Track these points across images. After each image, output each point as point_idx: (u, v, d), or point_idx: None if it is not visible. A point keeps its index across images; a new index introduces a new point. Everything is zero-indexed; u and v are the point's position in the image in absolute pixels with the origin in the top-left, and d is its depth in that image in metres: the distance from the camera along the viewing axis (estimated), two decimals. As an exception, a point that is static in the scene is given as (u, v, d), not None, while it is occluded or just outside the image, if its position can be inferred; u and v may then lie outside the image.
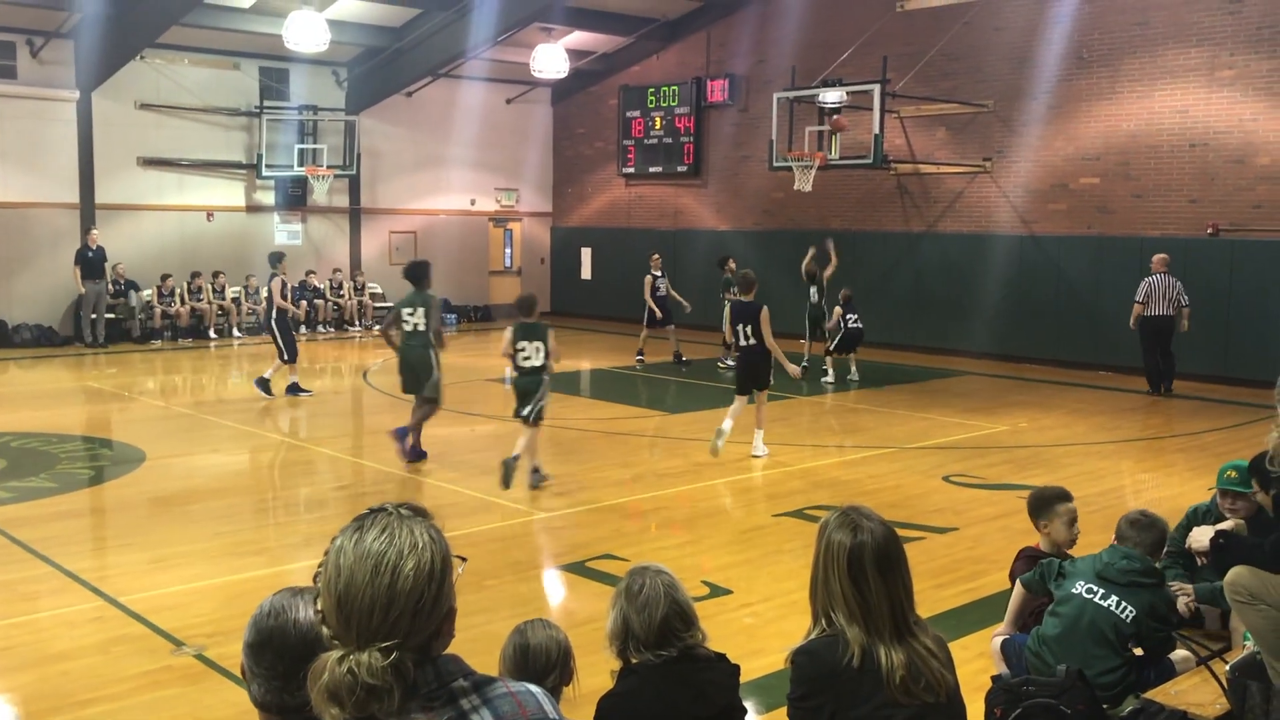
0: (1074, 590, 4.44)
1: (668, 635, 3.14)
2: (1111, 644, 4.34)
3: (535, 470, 9.60)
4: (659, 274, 17.60)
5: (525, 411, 9.46)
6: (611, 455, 11.18)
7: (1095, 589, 4.41)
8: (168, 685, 5.48)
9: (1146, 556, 4.54)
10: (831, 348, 15.67)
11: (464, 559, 1.83)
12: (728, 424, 10.60)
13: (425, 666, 1.74)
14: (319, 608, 1.78)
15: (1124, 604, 4.36)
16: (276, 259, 14.43)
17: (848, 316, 15.62)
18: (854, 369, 15.69)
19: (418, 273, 10.88)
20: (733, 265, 16.51)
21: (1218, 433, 12.45)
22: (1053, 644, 4.40)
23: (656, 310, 17.37)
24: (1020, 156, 17.98)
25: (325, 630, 1.75)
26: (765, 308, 10.69)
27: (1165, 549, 5.38)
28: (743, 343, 10.94)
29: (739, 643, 5.66)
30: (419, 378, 10.68)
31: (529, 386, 9.47)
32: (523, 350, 9.43)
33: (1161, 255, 14.91)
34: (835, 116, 17.10)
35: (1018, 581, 4.91)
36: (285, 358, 14.07)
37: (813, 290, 16.33)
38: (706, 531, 8.42)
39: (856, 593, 2.91)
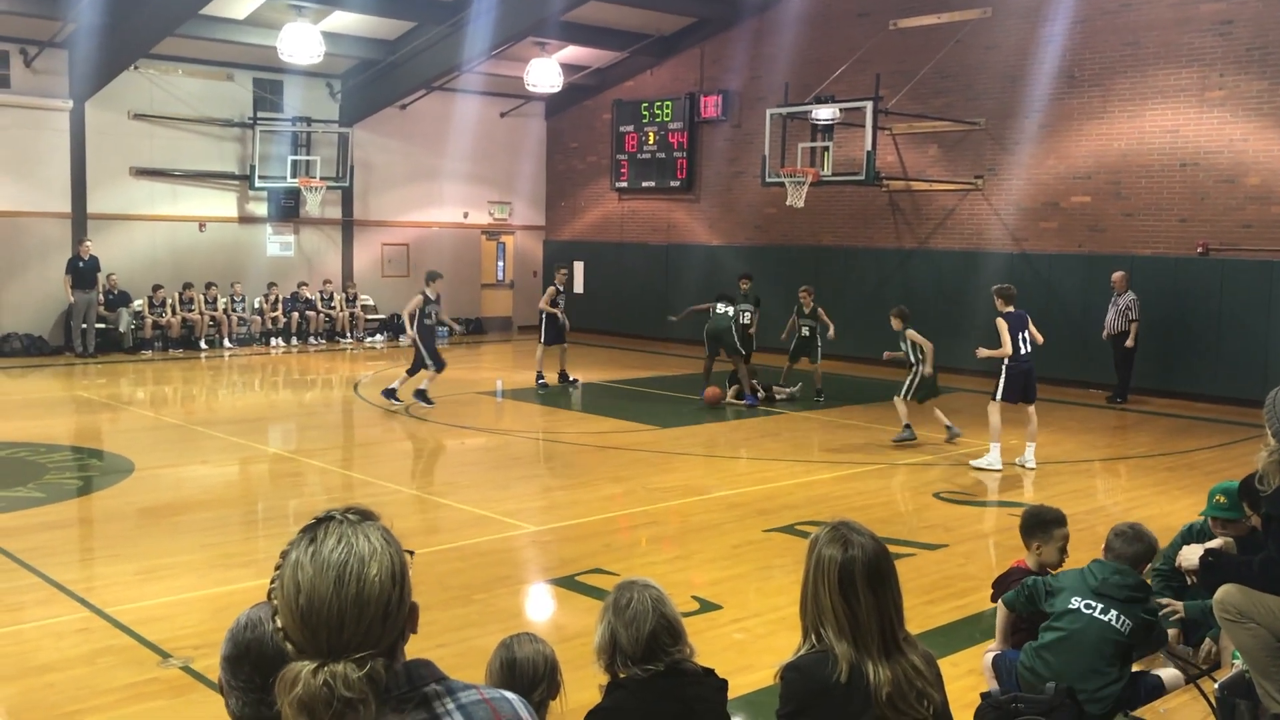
0: (1072, 606, 4.44)
1: (655, 650, 3.13)
2: (1111, 657, 4.37)
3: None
4: (562, 289, 16.98)
5: None
6: (602, 469, 11.16)
7: (1094, 604, 4.41)
8: (154, 697, 5.45)
9: (1134, 570, 4.56)
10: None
11: (412, 552, 1.80)
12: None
13: (395, 668, 1.72)
14: (278, 625, 1.72)
15: (1122, 617, 4.39)
16: (431, 277, 14.75)
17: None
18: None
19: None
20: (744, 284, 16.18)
21: (1207, 451, 12.48)
22: (1052, 657, 4.38)
23: (564, 319, 16.81)
24: (1012, 174, 18.05)
25: (289, 647, 1.70)
26: None
27: (1156, 566, 5.39)
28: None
29: (729, 658, 5.65)
30: None
31: None
32: None
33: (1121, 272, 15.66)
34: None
35: (1000, 601, 4.91)
36: (433, 367, 14.35)
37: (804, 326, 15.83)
38: (697, 546, 8.41)
39: (846, 608, 2.91)
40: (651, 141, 23.32)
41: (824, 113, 17.56)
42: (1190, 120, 16.02)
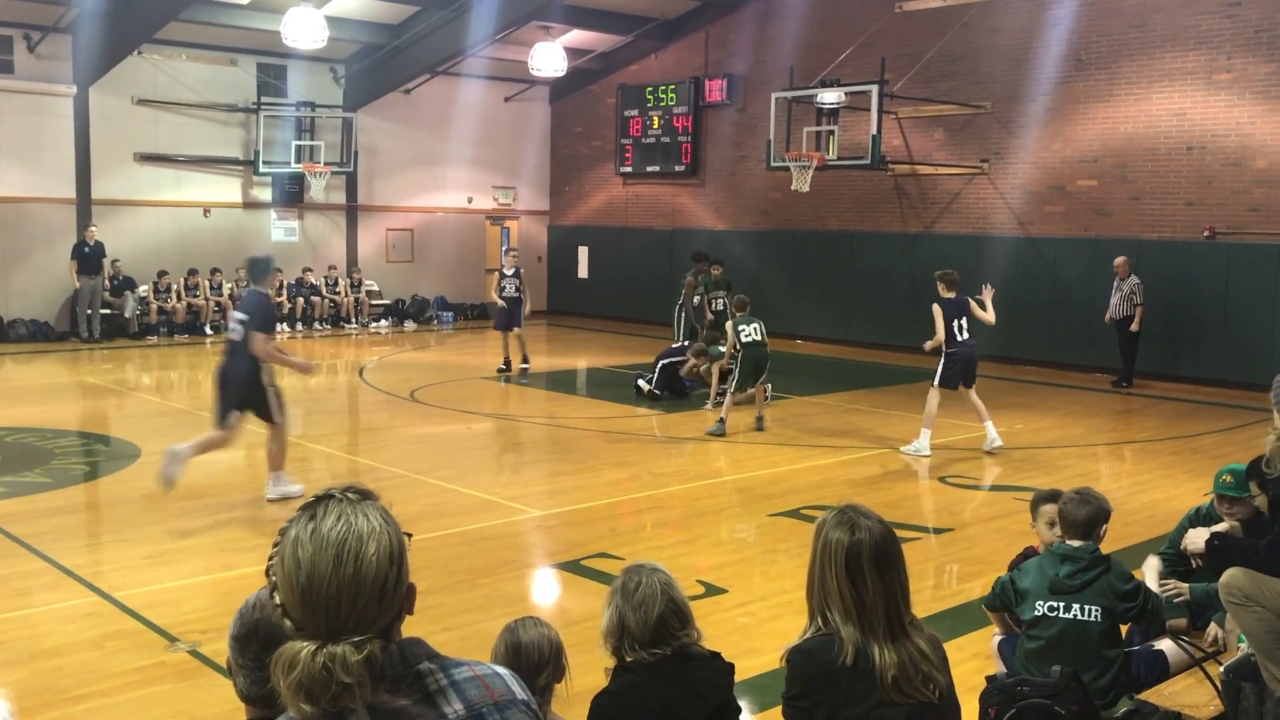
0: (1038, 613, 4.39)
1: (663, 633, 3.14)
2: (1092, 650, 4.32)
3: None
4: (510, 272, 16.27)
5: None
6: (607, 454, 11.17)
7: (1056, 604, 4.35)
8: (161, 681, 5.48)
9: (1086, 544, 4.44)
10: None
11: (410, 535, 1.81)
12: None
13: (390, 649, 1.72)
14: (278, 601, 1.73)
15: (1086, 607, 4.32)
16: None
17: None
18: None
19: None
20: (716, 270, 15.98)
21: (1214, 435, 12.47)
22: (1036, 663, 4.36)
23: (503, 304, 16.09)
24: (1018, 158, 17.99)
25: (288, 623, 1.71)
26: None
27: (1162, 550, 5.38)
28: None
29: (734, 642, 5.67)
30: None
31: None
32: None
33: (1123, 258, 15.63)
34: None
35: (983, 605, 4.89)
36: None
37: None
38: (702, 531, 8.42)
39: (853, 591, 2.91)
40: (656, 126, 23.26)
41: (829, 96, 17.50)
42: (1197, 103, 15.94)
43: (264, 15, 19.37)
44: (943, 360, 11.10)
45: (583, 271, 25.10)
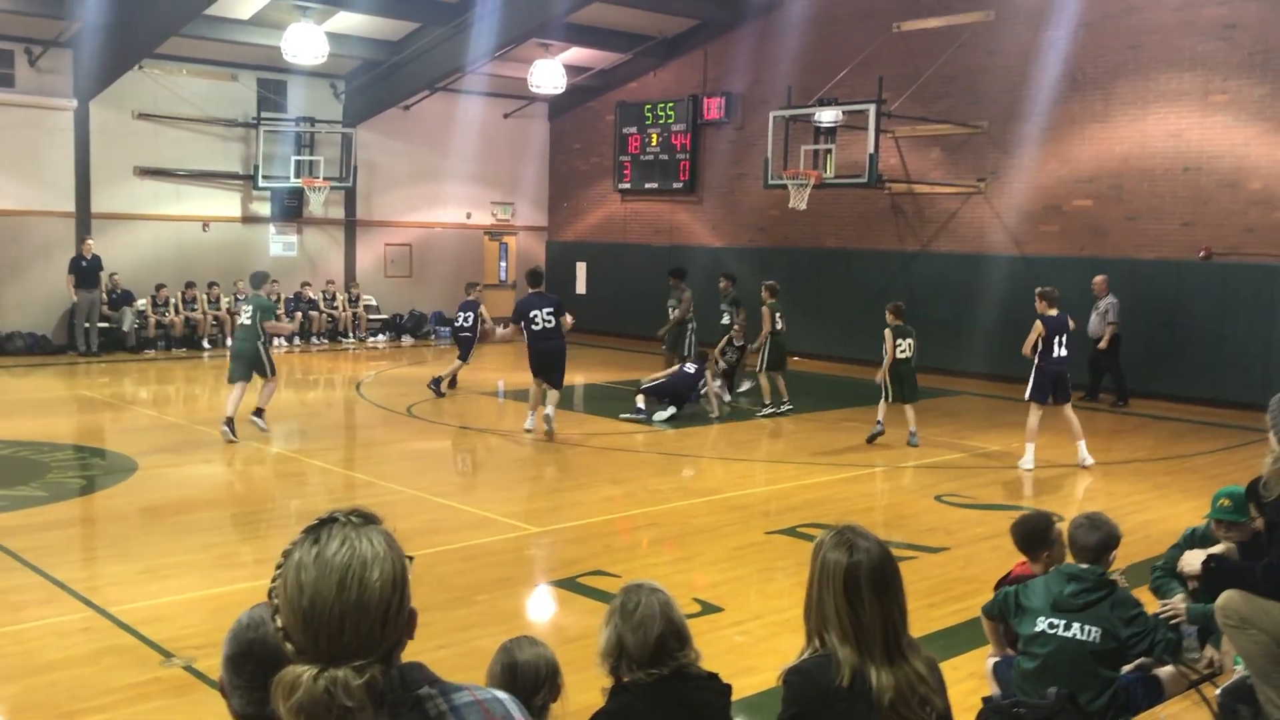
0: (1038, 629, 4.40)
1: (662, 654, 3.13)
2: (1089, 671, 4.32)
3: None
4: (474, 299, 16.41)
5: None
6: (603, 471, 11.17)
7: (1056, 622, 4.36)
8: (156, 697, 5.47)
9: (1094, 566, 4.46)
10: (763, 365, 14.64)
11: (411, 558, 1.81)
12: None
13: (390, 673, 1.73)
14: (279, 625, 1.73)
15: (1086, 627, 4.33)
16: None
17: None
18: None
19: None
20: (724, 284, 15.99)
21: (1209, 455, 12.49)
22: (1033, 683, 4.36)
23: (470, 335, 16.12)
24: (1014, 178, 18.06)
25: (289, 647, 1.71)
26: None
27: (1158, 568, 5.39)
28: None
29: (730, 660, 5.66)
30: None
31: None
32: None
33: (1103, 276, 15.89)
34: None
35: (981, 611, 4.89)
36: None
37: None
38: (698, 548, 8.42)
39: (851, 612, 2.91)
40: (654, 143, 23.33)
41: (827, 115, 17.57)
42: (1193, 124, 16.02)
43: (265, 31, 19.44)
44: (1033, 374, 11.42)
45: (580, 287, 25.11)
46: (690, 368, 14.46)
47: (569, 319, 12.96)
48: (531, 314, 12.62)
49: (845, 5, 19.92)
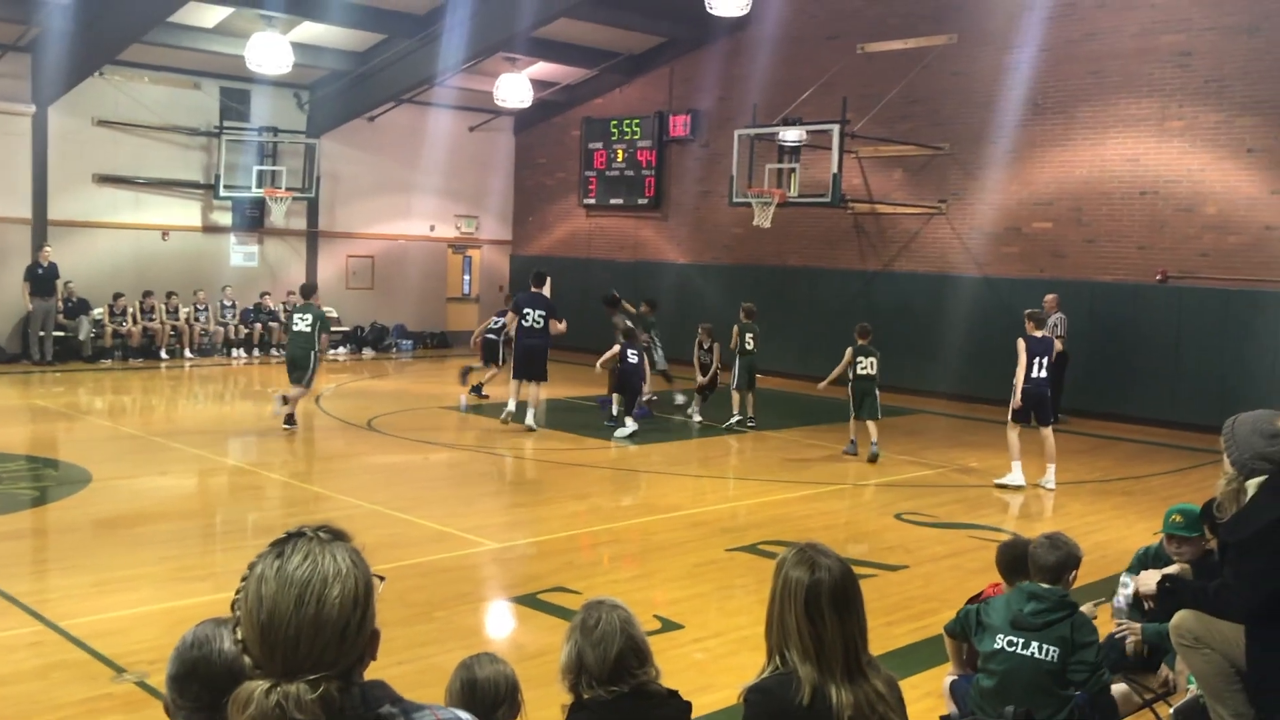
0: (996, 646, 4.43)
1: (621, 671, 3.12)
2: (1046, 689, 4.33)
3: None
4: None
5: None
6: (566, 487, 11.14)
7: (1015, 640, 4.38)
8: (107, 713, 5.37)
9: (1054, 587, 4.48)
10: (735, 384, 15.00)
11: (382, 578, 1.79)
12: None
13: (351, 691, 1.71)
14: (239, 637, 1.72)
15: (1044, 646, 4.35)
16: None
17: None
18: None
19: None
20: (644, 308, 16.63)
21: (1164, 476, 12.64)
22: (991, 701, 4.38)
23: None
24: (975, 199, 18.26)
25: (247, 660, 1.70)
26: None
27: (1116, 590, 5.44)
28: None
29: (689, 678, 5.65)
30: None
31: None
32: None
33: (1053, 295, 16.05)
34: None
35: (943, 629, 4.91)
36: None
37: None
38: (659, 565, 8.40)
39: (812, 630, 2.91)
40: (620, 159, 23.37)
41: (791, 134, 17.70)
42: (1150, 149, 16.28)
43: (228, 40, 19.30)
44: (1014, 395, 11.62)
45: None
46: (631, 355, 14.42)
47: (559, 325, 14.23)
48: (524, 310, 13.99)
49: (811, 26, 20.09)
